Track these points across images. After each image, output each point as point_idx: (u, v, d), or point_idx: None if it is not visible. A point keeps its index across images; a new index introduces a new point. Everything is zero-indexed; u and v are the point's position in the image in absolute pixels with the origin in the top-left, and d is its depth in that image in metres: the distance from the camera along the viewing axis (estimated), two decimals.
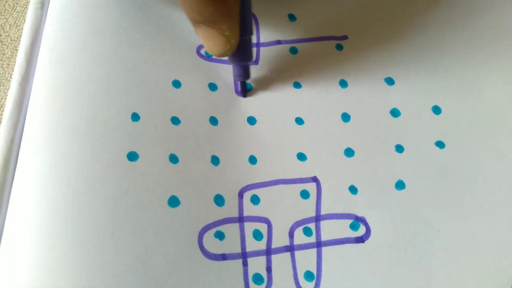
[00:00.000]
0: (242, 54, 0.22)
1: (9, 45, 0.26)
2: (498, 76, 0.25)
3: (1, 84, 0.25)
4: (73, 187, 0.21)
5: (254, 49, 0.26)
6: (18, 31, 0.26)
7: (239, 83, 0.24)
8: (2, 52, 0.26)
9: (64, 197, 0.21)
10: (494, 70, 0.25)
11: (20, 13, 0.27)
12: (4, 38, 0.26)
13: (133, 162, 0.22)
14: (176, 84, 0.24)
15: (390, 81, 0.25)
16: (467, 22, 0.27)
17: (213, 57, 0.25)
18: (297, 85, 0.25)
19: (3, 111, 0.24)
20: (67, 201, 0.21)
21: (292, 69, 0.25)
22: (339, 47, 0.26)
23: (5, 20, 0.26)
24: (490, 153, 0.24)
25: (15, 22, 0.27)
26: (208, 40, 0.20)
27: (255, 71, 0.25)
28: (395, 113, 0.25)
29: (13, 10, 0.27)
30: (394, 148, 0.24)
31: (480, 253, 0.22)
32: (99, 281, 0.20)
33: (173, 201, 0.21)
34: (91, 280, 0.20)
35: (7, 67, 0.25)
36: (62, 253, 0.20)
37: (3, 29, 0.26)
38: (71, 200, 0.21)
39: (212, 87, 0.24)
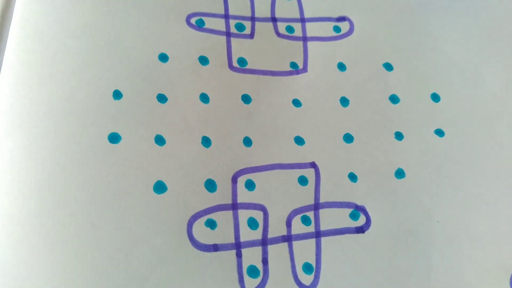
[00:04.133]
0: None
1: None
2: (498, 64, 0.25)
3: None
4: (48, 171, 0.19)
5: None
6: None
7: None
8: None
9: (38, 183, 0.18)
10: (494, 58, 0.25)
11: None
12: None
13: (115, 144, 0.20)
14: (163, 58, 0.22)
15: (388, 67, 0.24)
16: (467, 10, 0.26)
17: (205, 26, 0.23)
18: (294, 65, 0.23)
19: None
20: (41, 188, 0.18)
21: (289, 49, 0.24)
22: (337, 29, 0.25)
23: None
24: (490, 142, 0.23)
25: None
26: None
27: (250, 46, 0.23)
28: (394, 99, 0.23)
29: None
30: (394, 135, 0.23)
31: (480, 244, 0.21)
32: (77, 275, 0.17)
33: (160, 187, 0.19)
34: (68, 274, 0.17)
35: None
36: (35, 245, 0.17)
37: None
38: (46, 186, 0.18)
39: (203, 60, 0.22)
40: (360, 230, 0.21)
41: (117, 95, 0.20)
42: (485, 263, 0.21)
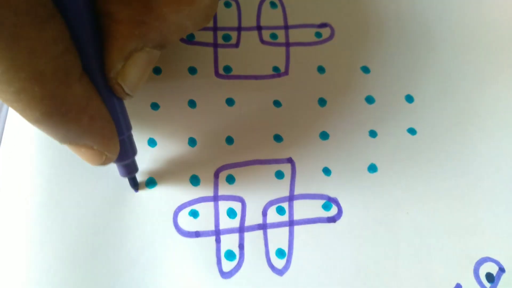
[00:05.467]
0: (121, 154, 0.19)
1: None
2: (469, 68, 0.26)
3: None
4: (56, 168, 0.22)
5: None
6: None
7: (127, 179, 0.21)
8: None
9: (47, 177, 0.22)
10: (466, 62, 0.26)
11: None
12: None
13: None
14: (157, 71, 0.25)
15: (366, 70, 0.26)
16: (442, 17, 0.27)
17: (195, 39, 0.26)
18: (276, 69, 0.26)
19: None
20: (49, 181, 0.22)
21: (272, 54, 0.26)
22: (318, 35, 0.27)
23: None
24: (459, 141, 0.24)
25: None
26: (80, 156, 0.17)
27: (235, 54, 0.25)
28: (370, 100, 0.25)
29: None
30: (368, 133, 0.24)
31: (447, 234, 0.22)
32: (79, 256, 0.20)
33: (150, 182, 0.22)
34: (71, 255, 0.20)
35: None
36: (43, 230, 0.21)
37: None
38: (54, 181, 0.22)
39: (192, 70, 0.25)
40: (332, 220, 0.23)
41: None
42: (451, 252, 0.22)
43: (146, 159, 0.23)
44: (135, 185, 0.22)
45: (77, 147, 0.17)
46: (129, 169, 0.21)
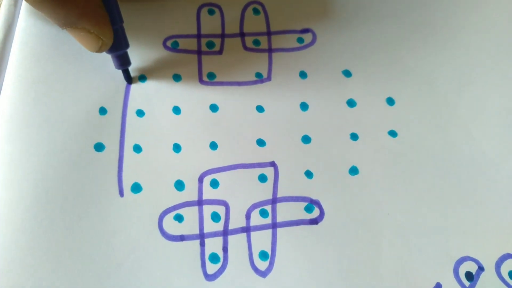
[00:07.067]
0: (115, 43, 0.22)
1: None
2: (450, 70, 0.27)
3: None
4: (42, 172, 0.22)
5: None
6: None
7: (121, 71, 0.24)
8: None
9: (33, 182, 0.22)
10: (446, 65, 0.27)
11: None
12: None
13: (99, 153, 0.23)
14: (142, 78, 0.25)
15: (347, 74, 0.26)
16: (423, 17, 0.28)
17: (179, 47, 0.26)
18: (259, 75, 0.26)
19: None
20: (36, 185, 0.22)
21: (255, 60, 0.26)
22: (300, 40, 0.27)
23: None
24: (440, 143, 0.25)
25: None
26: (79, 40, 0.20)
27: (219, 61, 0.26)
28: (351, 103, 0.26)
29: None
30: (349, 136, 0.25)
31: (427, 235, 0.23)
32: (65, 259, 0.21)
33: (136, 188, 0.23)
34: (58, 257, 0.21)
35: None
36: (31, 234, 0.21)
37: None
38: (40, 185, 0.22)
39: (177, 77, 0.25)
40: (314, 221, 0.23)
41: (102, 111, 0.24)
42: (432, 252, 0.23)
43: (132, 164, 0.23)
44: (129, 78, 0.25)
45: (76, 31, 0.20)
46: (123, 61, 0.24)
